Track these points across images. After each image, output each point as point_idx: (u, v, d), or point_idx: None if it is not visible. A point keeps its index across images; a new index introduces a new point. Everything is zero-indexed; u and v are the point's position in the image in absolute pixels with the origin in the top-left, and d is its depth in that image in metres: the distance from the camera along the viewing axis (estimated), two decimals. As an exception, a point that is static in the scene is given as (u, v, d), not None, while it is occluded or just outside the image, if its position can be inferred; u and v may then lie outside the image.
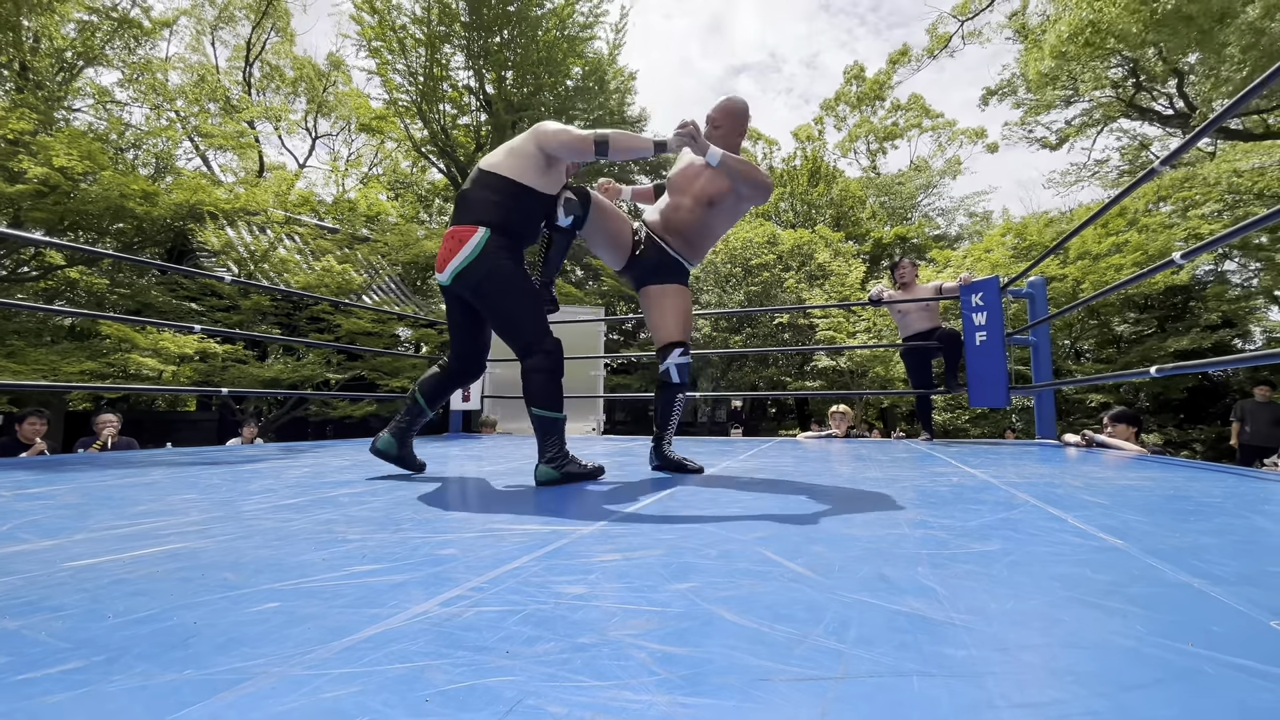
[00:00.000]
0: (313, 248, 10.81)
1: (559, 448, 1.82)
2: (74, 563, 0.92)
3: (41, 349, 7.30)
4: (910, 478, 1.93)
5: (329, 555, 0.95)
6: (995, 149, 22.98)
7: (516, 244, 1.89)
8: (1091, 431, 3.37)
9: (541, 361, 1.82)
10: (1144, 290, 10.50)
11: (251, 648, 0.59)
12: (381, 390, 9.68)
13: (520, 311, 1.86)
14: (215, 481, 1.91)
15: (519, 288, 1.85)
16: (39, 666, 0.55)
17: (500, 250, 1.83)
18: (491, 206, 1.85)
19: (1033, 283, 4.19)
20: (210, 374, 8.12)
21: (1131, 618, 0.67)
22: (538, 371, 1.82)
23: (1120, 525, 1.15)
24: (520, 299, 1.86)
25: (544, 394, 1.82)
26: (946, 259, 12.38)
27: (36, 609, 0.72)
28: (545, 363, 1.82)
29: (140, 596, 0.75)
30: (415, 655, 0.57)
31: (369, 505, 1.44)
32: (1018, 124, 18.63)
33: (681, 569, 0.87)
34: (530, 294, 1.87)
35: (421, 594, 0.76)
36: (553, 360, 1.83)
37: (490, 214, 1.84)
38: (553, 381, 1.83)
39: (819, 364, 11.59)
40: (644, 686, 0.51)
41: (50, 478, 1.99)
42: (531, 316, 1.86)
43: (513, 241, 1.87)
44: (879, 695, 0.49)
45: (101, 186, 7.87)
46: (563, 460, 1.81)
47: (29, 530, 1.16)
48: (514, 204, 1.87)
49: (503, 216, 1.85)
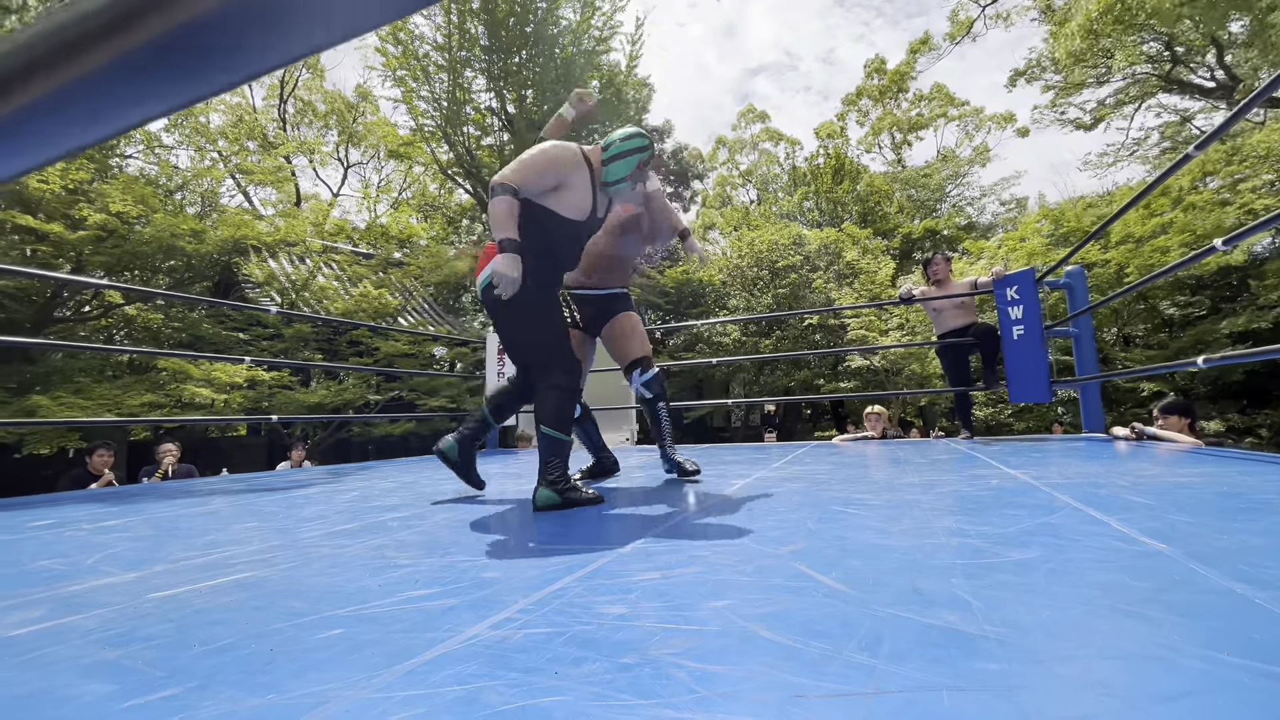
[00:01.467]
0: (349, 274, 11.20)
1: (561, 470, 1.76)
2: (157, 594, 1.00)
3: (105, 384, 7.75)
4: (949, 481, 1.91)
5: (384, 581, 1.01)
6: (1026, 133, 22.33)
7: (540, 263, 1.84)
8: (1141, 424, 3.25)
9: (558, 379, 1.81)
10: (1195, 271, 10.04)
11: (323, 673, 0.65)
12: (420, 410, 9.94)
13: (524, 332, 1.85)
14: (272, 509, 2.02)
15: (527, 307, 1.80)
16: (141, 694, 0.62)
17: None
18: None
19: (1070, 272, 4.07)
20: (259, 400, 8.48)
21: (1169, 626, 0.67)
22: (553, 389, 1.81)
23: (1165, 528, 1.13)
24: (526, 319, 1.83)
25: (554, 414, 1.80)
26: (980, 250, 12.07)
27: (130, 639, 0.79)
28: (561, 381, 1.81)
29: (219, 625, 0.82)
30: (471, 677, 0.62)
31: (416, 529, 1.51)
32: (1048, 106, 18.08)
33: (718, 586, 0.90)
34: (543, 313, 1.84)
35: (472, 617, 0.81)
36: (569, 381, 1.82)
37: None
38: (565, 402, 1.81)
39: (852, 364, 11.42)
40: (684, 705, 0.54)
41: (122, 509, 2.13)
42: (543, 336, 1.84)
43: (536, 261, 1.81)
44: (910, 711, 0.51)
45: (154, 228, 8.33)
46: (564, 484, 1.75)
47: (111, 563, 1.26)
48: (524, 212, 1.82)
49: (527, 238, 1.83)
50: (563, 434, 1.80)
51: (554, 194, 1.86)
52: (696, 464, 2.37)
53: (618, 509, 1.70)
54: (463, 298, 16.52)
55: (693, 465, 2.35)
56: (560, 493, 1.73)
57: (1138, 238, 9.81)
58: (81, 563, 1.27)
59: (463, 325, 14.47)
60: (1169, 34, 13.99)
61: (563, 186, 1.86)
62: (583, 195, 1.90)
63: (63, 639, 0.80)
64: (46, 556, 1.36)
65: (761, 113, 23.99)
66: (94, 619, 0.88)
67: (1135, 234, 9.83)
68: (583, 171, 1.89)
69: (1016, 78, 18.15)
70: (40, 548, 1.47)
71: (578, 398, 1.90)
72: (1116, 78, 15.95)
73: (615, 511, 1.66)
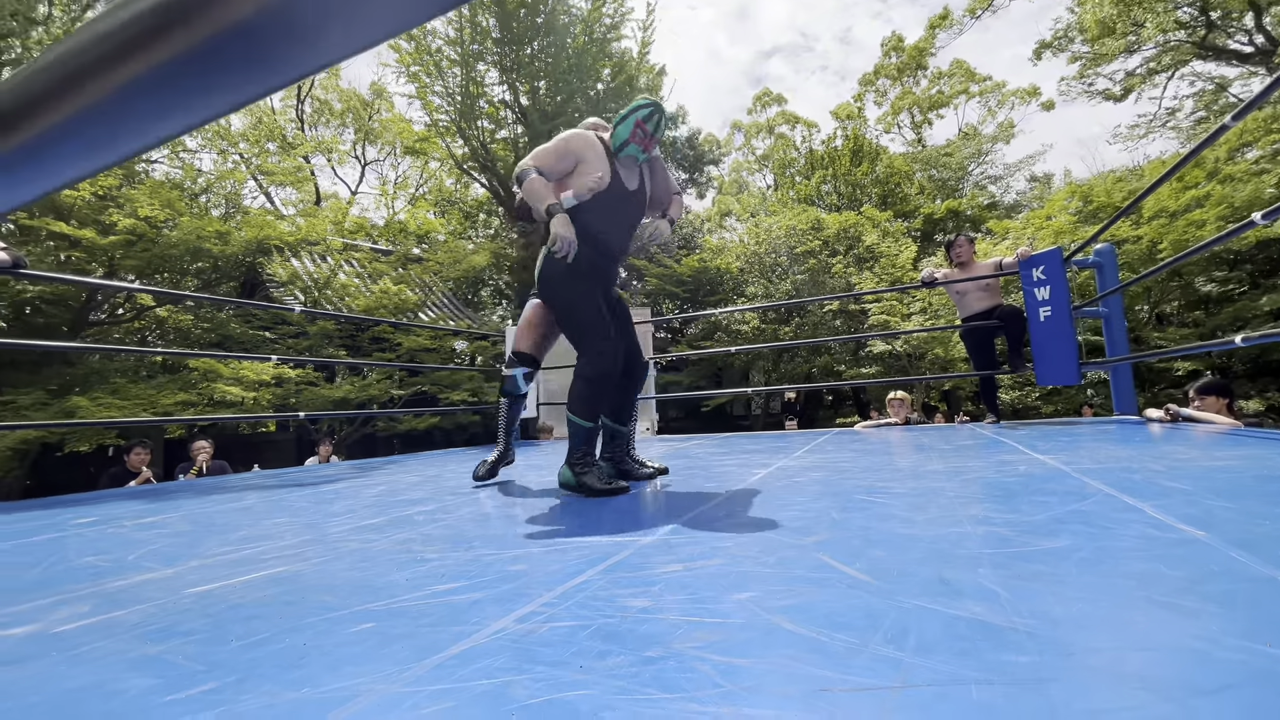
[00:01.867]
0: (369, 271, 11.35)
1: (584, 454, 1.86)
2: (194, 589, 1.03)
3: (140, 384, 7.98)
4: (975, 468, 1.88)
5: (411, 575, 1.03)
6: (1051, 107, 21.66)
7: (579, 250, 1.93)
8: (1176, 405, 3.16)
9: (584, 368, 1.89)
10: (1233, 246, 9.67)
11: (355, 666, 0.66)
12: (442, 403, 10.07)
13: (561, 318, 1.96)
14: (301, 504, 2.07)
15: (558, 294, 1.93)
16: (182, 688, 0.64)
17: (551, 258, 1.93)
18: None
19: (1100, 251, 3.96)
20: (286, 397, 8.67)
21: (1207, 617, 0.65)
22: (579, 377, 1.89)
23: (1203, 514, 1.10)
24: (561, 305, 1.94)
25: (579, 400, 1.88)
26: (1005, 229, 11.77)
27: (171, 634, 0.82)
28: (587, 369, 1.88)
29: (255, 620, 0.85)
30: (498, 671, 0.63)
31: (441, 523, 1.54)
32: (1076, 78, 17.49)
33: (741, 578, 0.90)
34: (572, 299, 1.93)
35: (498, 610, 0.82)
36: (595, 367, 1.87)
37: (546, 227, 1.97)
38: (591, 389, 1.87)
39: (874, 349, 11.26)
40: (709, 698, 0.54)
41: (160, 506, 2.20)
42: (578, 322, 1.92)
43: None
44: (937, 704, 0.51)
45: (181, 231, 8.52)
46: (584, 468, 1.83)
47: (151, 559, 1.30)
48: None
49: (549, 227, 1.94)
50: (585, 420, 1.87)
51: (574, 177, 1.96)
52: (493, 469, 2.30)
53: (639, 501, 1.71)
54: (481, 292, 16.65)
55: (485, 469, 2.26)
56: (577, 475, 1.83)
57: (1171, 212, 9.46)
58: (123, 559, 1.32)
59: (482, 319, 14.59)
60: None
61: (581, 164, 1.96)
62: (600, 166, 1.97)
63: (108, 634, 0.83)
64: (90, 553, 1.41)
65: (778, 96, 23.61)
66: (136, 614, 0.91)
67: (1169, 208, 9.49)
68: (597, 147, 1.99)
69: (1042, 50, 17.59)
70: (84, 545, 1.52)
71: (608, 383, 1.92)
72: (1148, 45, 15.36)
73: (636, 503, 1.66)
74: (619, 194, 2.01)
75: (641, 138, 1.98)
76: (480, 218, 18.26)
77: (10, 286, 7.30)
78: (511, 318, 14.99)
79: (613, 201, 1.99)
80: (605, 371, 1.89)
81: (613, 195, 1.98)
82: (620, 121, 2.00)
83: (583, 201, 1.93)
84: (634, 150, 1.99)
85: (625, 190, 2.03)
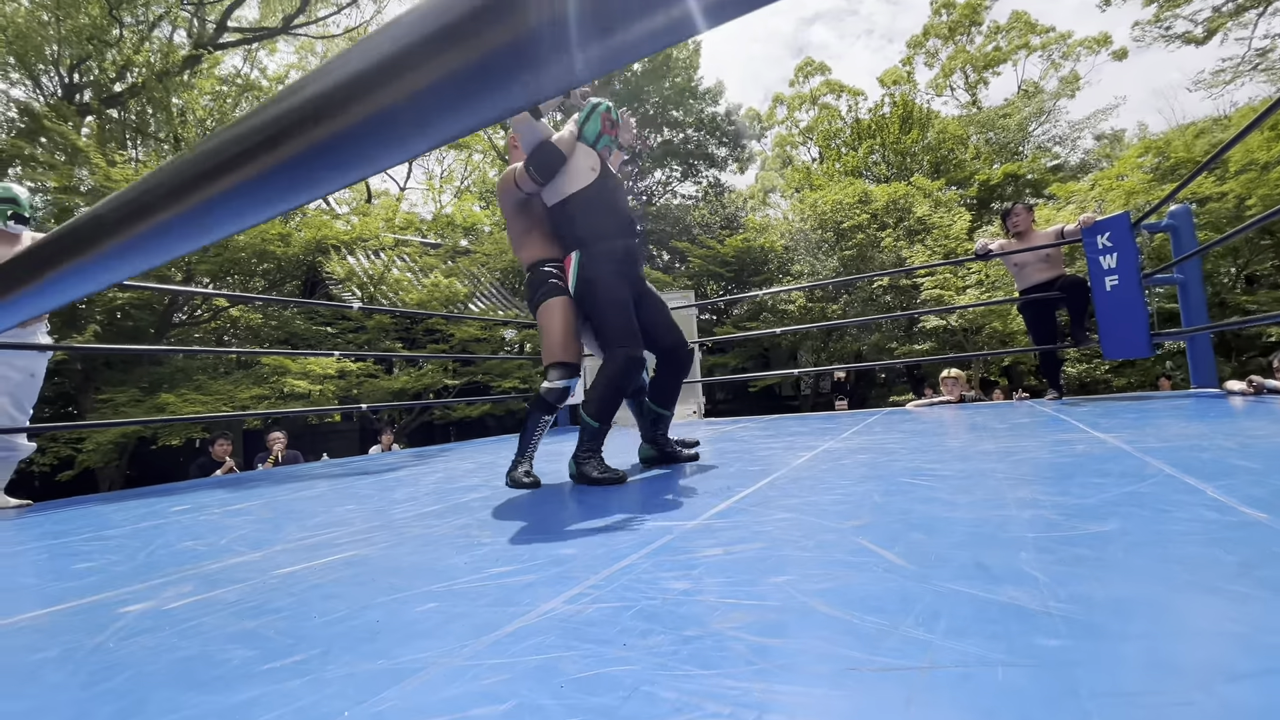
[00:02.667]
0: (420, 265, 11.74)
1: (589, 450, 1.93)
2: (280, 571, 1.15)
3: (219, 380, 8.58)
4: (1028, 448, 1.83)
5: (470, 559, 1.11)
6: (1124, 55, 20.04)
7: (585, 254, 2.00)
8: (1260, 377, 2.95)
9: (608, 371, 1.95)
10: (1334, 197, 8.77)
11: (423, 641, 0.73)
12: (494, 391, 10.39)
13: (600, 320, 2.02)
14: (368, 491, 2.21)
15: (605, 295, 1.99)
16: (276, 658, 0.73)
17: (585, 266, 2.00)
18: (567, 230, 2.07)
19: (1174, 212, 3.70)
20: (349, 389, 9.13)
21: (1256, 603, 0.64)
22: (600, 375, 1.97)
23: (1270, 496, 1.05)
24: (603, 309, 1.99)
25: (598, 401, 1.95)
26: (1069, 193, 11.06)
27: (262, 611, 0.92)
28: (608, 369, 1.95)
29: (333, 599, 0.94)
30: (549, 648, 0.68)
31: (495, 509, 1.62)
32: (1151, 22, 16.08)
33: (779, 562, 0.93)
34: (615, 305, 1.99)
35: (548, 592, 0.88)
36: (616, 368, 1.94)
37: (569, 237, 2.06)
38: (610, 393, 1.96)
39: (927, 325, 10.87)
40: (743, 675, 0.58)
41: (243, 494, 2.40)
42: (612, 326, 1.98)
43: (582, 252, 2.00)
44: (963, 685, 0.53)
45: (249, 236, 9.03)
46: (584, 460, 1.91)
47: (240, 544, 1.44)
48: (562, 218, 2.05)
49: (572, 235, 2.03)
50: (595, 420, 1.95)
51: (565, 173, 2.04)
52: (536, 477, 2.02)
53: (682, 486, 1.75)
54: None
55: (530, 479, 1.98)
56: (578, 465, 1.92)
57: (1263, 164, 8.67)
58: (217, 543, 1.47)
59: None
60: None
61: (571, 155, 2.06)
62: (585, 155, 2.08)
63: (210, 611, 0.94)
64: (189, 538, 1.57)
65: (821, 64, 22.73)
66: (233, 593, 1.02)
67: (1259, 160, 8.69)
68: (573, 140, 2.09)
69: (1112, -6, 16.23)
70: (183, 531, 1.69)
71: (627, 391, 2.01)
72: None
73: (680, 488, 1.71)
74: (614, 181, 2.16)
75: (610, 127, 2.16)
76: (523, 207, 18.51)
77: (104, 295, 7.95)
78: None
79: (613, 187, 2.13)
80: (628, 380, 1.97)
81: (612, 181, 2.14)
82: (585, 122, 2.14)
83: (591, 203, 2.03)
84: (608, 140, 2.17)
85: (614, 175, 2.19)
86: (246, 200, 0.38)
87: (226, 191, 0.37)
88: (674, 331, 2.18)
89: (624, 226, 2.09)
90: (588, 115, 2.15)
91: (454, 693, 0.59)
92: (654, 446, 2.26)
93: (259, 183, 0.36)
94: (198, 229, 0.41)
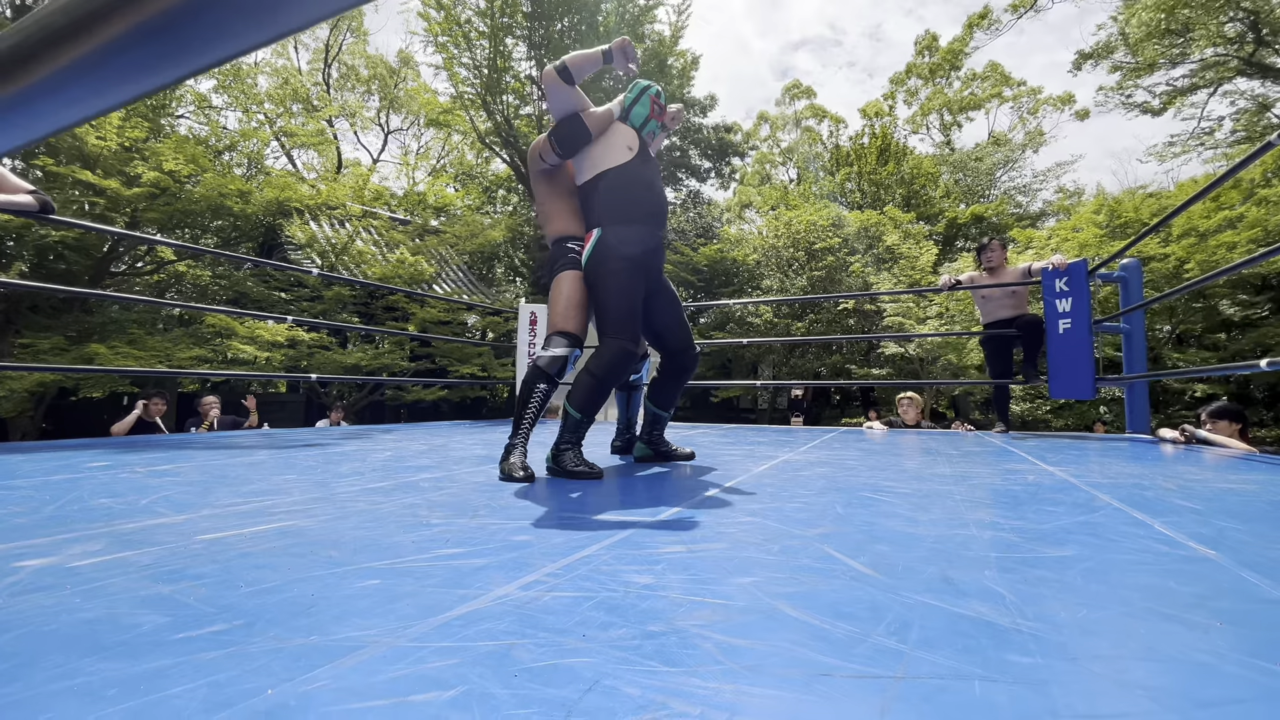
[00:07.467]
0: (387, 239, 11.38)
1: (568, 442, 1.84)
2: (205, 536, 1.05)
3: (156, 336, 8.09)
4: (982, 475, 1.87)
5: (417, 538, 1.04)
6: (1085, 116, 21.14)
7: (621, 236, 1.89)
8: (1191, 427, 3.12)
9: (599, 363, 1.86)
10: (1261, 270, 9.46)
11: (362, 619, 0.67)
12: (451, 376, 10.14)
13: (603, 305, 1.91)
14: (311, 463, 2.09)
15: (615, 282, 1.88)
16: (192, 627, 0.65)
17: (601, 245, 1.91)
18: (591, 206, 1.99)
19: (1126, 265, 3.89)
20: (298, 359, 8.76)
21: (1215, 633, 0.65)
22: (590, 371, 1.87)
23: (1214, 534, 1.08)
24: (608, 293, 1.89)
25: (584, 394, 1.86)
26: (1028, 239, 11.58)
27: (181, 576, 0.83)
28: (602, 366, 1.85)
29: (263, 569, 0.86)
30: (501, 634, 0.63)
31: (447, 491, 1.55)
32: (1114, 89, 17.03)
33: (744, 563, 0.90)
34: (622, 292, 1.89)
35: (502, 577, 0.83)
36: (606, 360, 1.85)
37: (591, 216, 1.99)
38: (598, 386, 1.85)
39: (886, 351, 11.17)
40: (711, 675, 0.55)
41: (173, 455, 2.24)
42: (615, 313, 1.89)
43: (616, 232, 1.90)
44: (939, 696, 0.51)
45: (204, 188, 8.57)
46: (562, 452, 1.83)
47: (163, 505, 1.33)
48: (591, 194, 1.98)
49: (597, 212, 1.95)
50: (576, 413, 1.86)
51: (599, 149, 1.97)
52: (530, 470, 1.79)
53: (643, 483, 1.71)
54: (496, 268, 16.64)
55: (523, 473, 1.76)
56: (555, 455, 1.84)
57: (1202, 232, 9.26)
58: (136, 503, 1.35)
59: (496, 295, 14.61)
60: (1255, 10, 12.98)
61: (606, 133, 2.00)
62: (623, 134, 2.02)
63: (121, 571, 0.85)
64: (105, 495, 1.44)
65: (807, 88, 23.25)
66: (148, 555, 0.93)
67: (1199, 228, 9.28)
68: (611, 117, 2.04)
69: (1082, 61, 17.12)
70: (98, 487, 1.55)
71: (614, 386, 1.91)
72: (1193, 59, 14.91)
73: (641, 486, 1.67)
74: (651, 166, 2.07)
75: (659, 112, 2.08)
76: (500, 193, 18.21)
77: (34, 231, 7.39)
78: (525, 295, 15.00)
79: (649, 172, 2.04)
80: (617, 373, 1.87)
81: (650, 166, 2.05)
82: (634, 103, 2.07)
83: (621, 182, 1.96)
84: (654, 126, 2.09)
85: (650, 156, 2.11)
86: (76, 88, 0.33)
87: (48, 78, 0.32)
88: (684, 333, 2.10)
89: (652, 213, 1.98)
90: (636, 97, 2.05)
91: (394, 675, 0.54)
92: (650, 446, 2.22)
93: (98, 61, 0.31)
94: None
